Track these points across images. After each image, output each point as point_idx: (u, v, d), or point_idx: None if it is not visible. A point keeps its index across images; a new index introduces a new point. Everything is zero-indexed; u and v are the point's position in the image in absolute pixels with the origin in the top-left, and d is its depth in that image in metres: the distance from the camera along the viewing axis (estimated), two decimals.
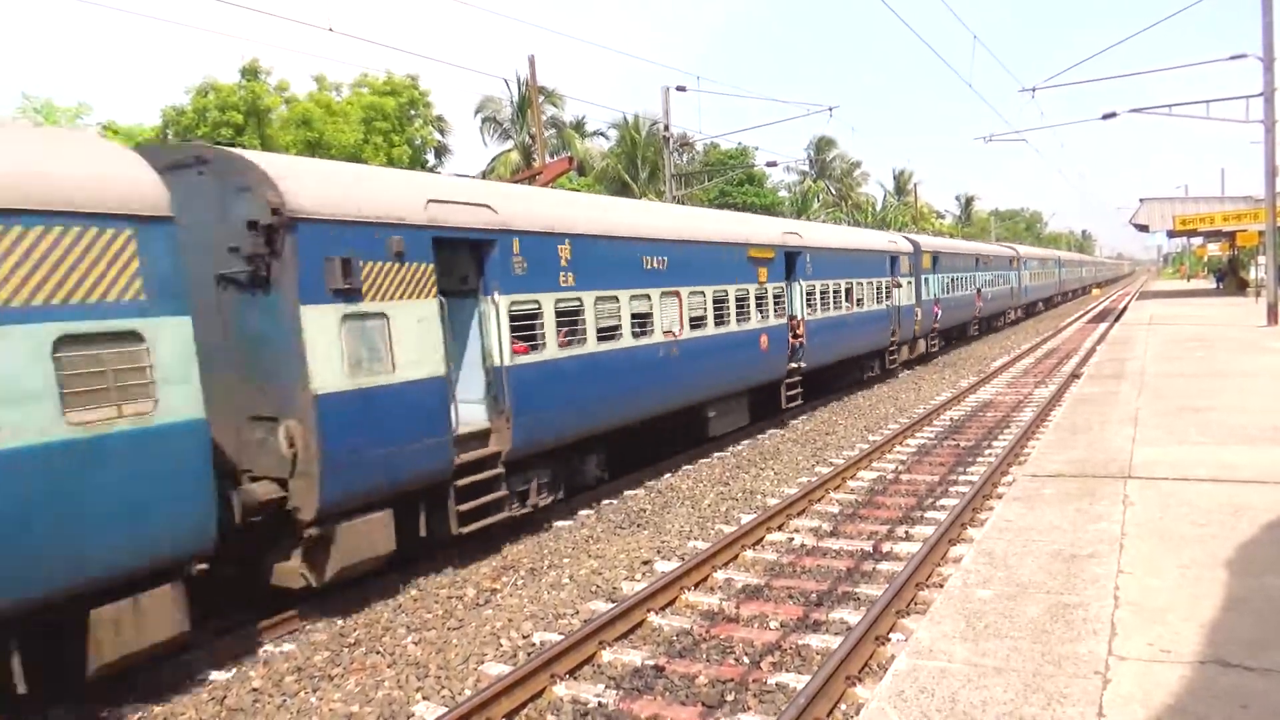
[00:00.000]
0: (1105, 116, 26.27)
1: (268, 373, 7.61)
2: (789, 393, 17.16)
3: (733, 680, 6.44)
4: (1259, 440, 8.68)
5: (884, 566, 8.69)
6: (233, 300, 7.68)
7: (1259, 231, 31.83)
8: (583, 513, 11.50)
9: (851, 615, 7.42)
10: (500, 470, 9.68)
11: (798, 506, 10.84)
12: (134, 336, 6.24)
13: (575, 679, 6.67)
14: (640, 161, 47.80)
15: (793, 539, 9.77)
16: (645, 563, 9.24)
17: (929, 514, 10.41)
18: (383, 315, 8.17)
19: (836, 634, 7.11)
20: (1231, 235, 46.36)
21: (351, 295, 7.89)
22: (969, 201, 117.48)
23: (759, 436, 16.21)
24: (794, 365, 17.28)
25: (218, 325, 7.61)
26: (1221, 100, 23.12)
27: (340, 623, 8.12)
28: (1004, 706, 3.83)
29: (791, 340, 17.13)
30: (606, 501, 11.98)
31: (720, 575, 8.71)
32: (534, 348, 10.14)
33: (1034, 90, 24.31)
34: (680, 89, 29.52)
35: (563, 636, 7.25)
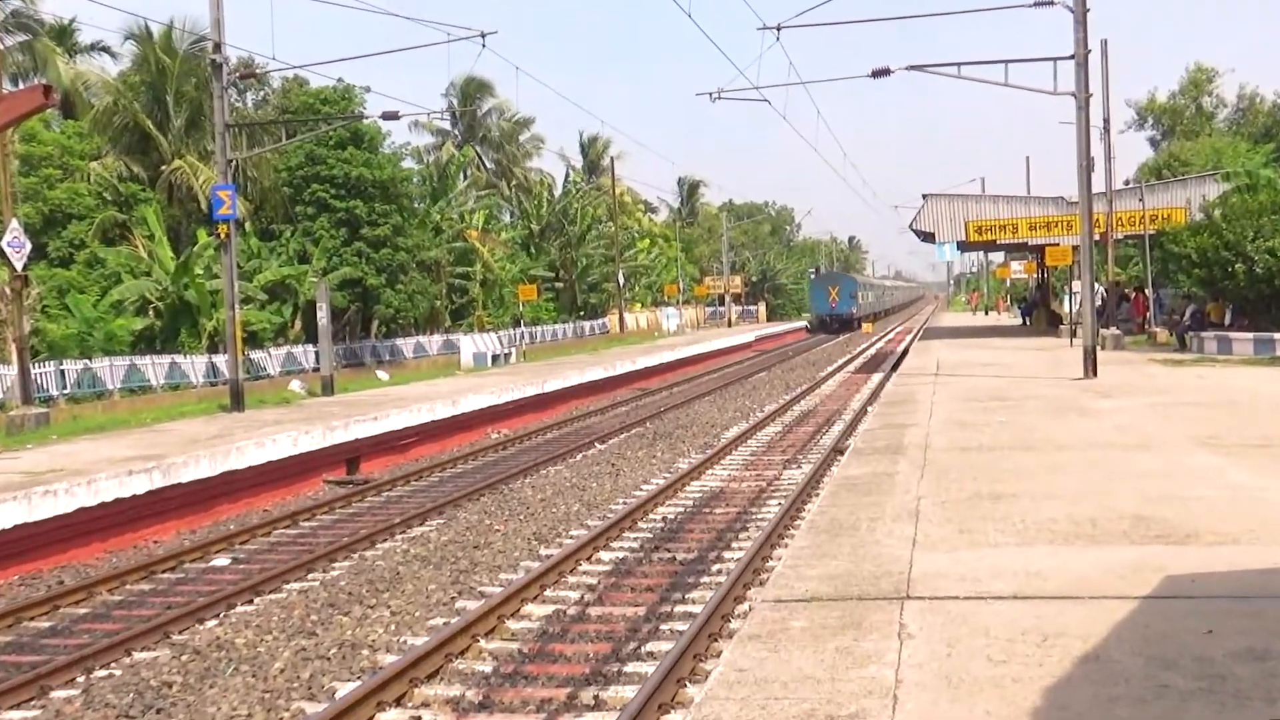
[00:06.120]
0: (876, 74, 29.20)
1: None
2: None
3: None
4: (1073, 538, 9.92)
5: None
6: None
7: (1073, 247, 36.22)
8: (58, 694, 10.69)
9: None
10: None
11: (428, 665, 10.80)
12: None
13: None
14: (175, 100, 46.11)
15: None
16: None
17: (630, 667, 10.78)
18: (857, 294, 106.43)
19: None
20: (1040, 251, 52.69)
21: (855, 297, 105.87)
22: (693, 189, 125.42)
23: (368, 554, 16.02)
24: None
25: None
26: (1024, 61, 26.31)
27: None
28: None
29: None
30: (102, 673, 11.23)
31: None
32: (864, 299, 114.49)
33: (779, 29, 26.36)
34: None
35: None
